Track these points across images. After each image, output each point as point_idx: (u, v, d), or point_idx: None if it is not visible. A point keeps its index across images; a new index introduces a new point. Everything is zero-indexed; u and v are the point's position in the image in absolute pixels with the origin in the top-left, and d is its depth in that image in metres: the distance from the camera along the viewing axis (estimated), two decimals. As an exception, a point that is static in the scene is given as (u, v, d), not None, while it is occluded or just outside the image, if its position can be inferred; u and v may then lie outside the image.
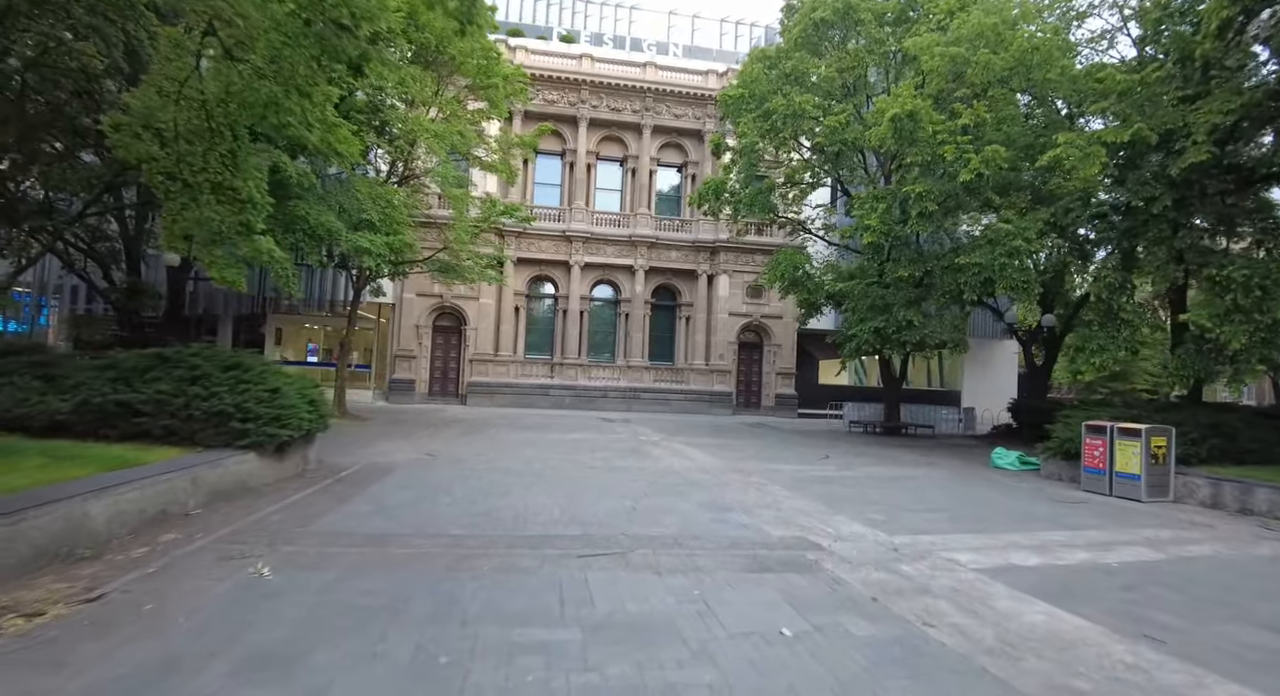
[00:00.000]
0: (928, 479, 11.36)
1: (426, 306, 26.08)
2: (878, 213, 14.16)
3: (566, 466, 10.38)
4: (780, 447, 15.39)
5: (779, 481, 9.97)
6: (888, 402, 20.98)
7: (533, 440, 14.28)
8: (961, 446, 18.32)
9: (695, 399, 27.40)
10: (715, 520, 6.96)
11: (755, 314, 28.06)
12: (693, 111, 28.46)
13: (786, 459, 13.08)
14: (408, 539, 5.70)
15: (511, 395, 26.13)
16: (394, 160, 16.89)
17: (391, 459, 10.61)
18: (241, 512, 6.41)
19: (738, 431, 19.56)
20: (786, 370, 28.45)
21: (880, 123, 13.92)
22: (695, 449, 13.96)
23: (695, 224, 28.22)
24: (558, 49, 28.13)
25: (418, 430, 15.50)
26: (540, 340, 28.16)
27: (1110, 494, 10.36)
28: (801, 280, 19.23)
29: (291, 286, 11.71)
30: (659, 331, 28.70)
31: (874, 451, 15.51)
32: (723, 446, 14.80)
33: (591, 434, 16.41)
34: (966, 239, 17.92)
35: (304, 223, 11.85)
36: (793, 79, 16.96)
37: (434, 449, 12.13)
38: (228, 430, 7.67)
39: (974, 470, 12.99)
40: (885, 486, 10.14)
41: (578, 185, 27.68)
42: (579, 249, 27.34)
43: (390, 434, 14.36)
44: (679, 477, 9.83)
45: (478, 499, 7.57)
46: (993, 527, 7.43)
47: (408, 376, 25.75)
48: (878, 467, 12.51)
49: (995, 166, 12.36)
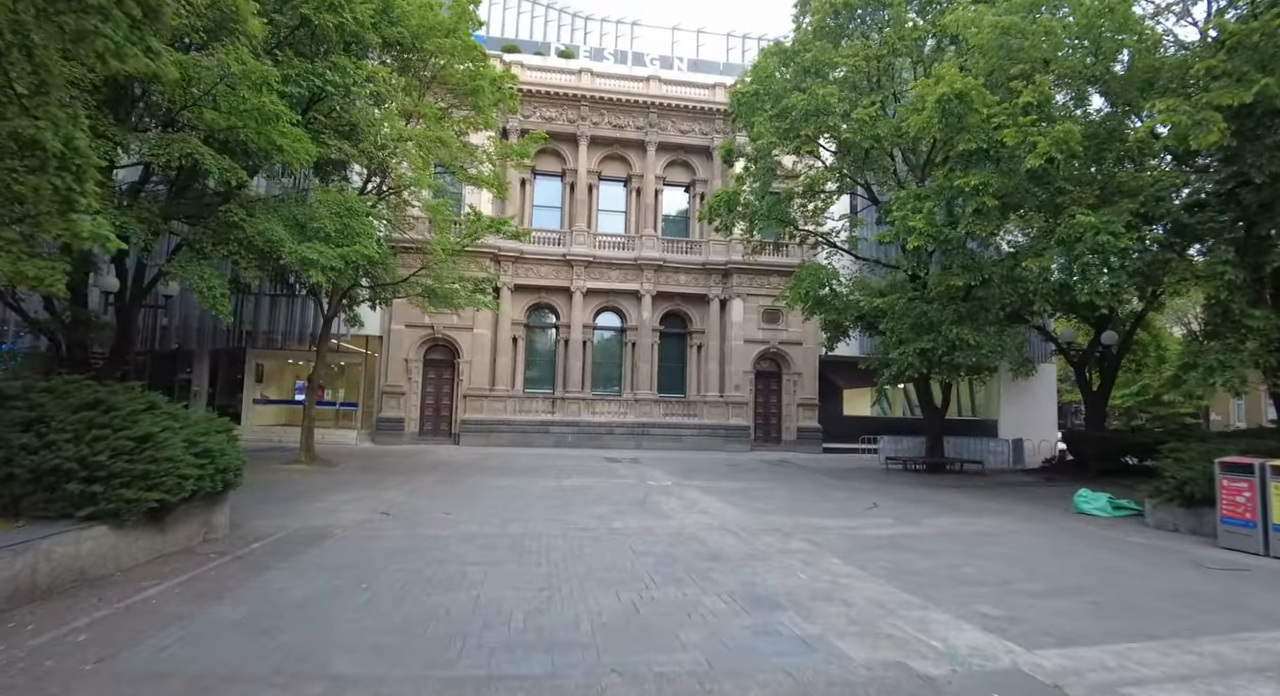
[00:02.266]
0: (1016, 536, 8.91)
1: (416, 338, 24.03)
2: (922, 213, 12.00)
3: (552, 530, 8.04)
4: (814, 492, 12.97)
5: (830, 546, 7.60)
6: (929, 436, 18.49)
7: (520, 489, 11.97)
8: (1021, 485, 15.78)
9: (709, 434, 24.97)
10: (759, 630, 4.60)
11: (773, 340, 25.78)
12: (700, 127, 26.73)
13: (827, 509, 10.67)
14: (252, 692, 3.41)
15: (509, 433, 23.83)
16: (369, 172, 15.01)
17: (332, 521, 8.35)
18: (41, 627, 4.17)
19: (759, 471, 17.14)
20: (808, 401, 26.02)
21: (922, 108, 11.88)
22: (714, 497, 11.58)
23: (705, 245, 26.22)
24: (555, 64, 26.66)
25: (389, 478, 13.24)
26: (540, 373, 25.98)
27: (1266, 553, 7.88)
28: (828, 300, 17.01)
29: (220, 309, 9.63)
30: (668, 361, 26.44)
31: (928, 495, 13.04)
32: (746, 492, 12.41)
33: (592, 478, 14.07)
34: (1010, 246, 15.73)
35: (238, 232, 9.83)
36: (812, 72, 15.03)
37: (395, 504, 9.86)
38: (64, 495, 5.46)
39: (1058, 518, 10.50)
40: (972, 551, 7.73)
41: (579, 207, 25.83)
42: (581, 274, 25.34)
43: (352, 484, 12.10)
44: (698, 545, 7.48)
45: (410, 593, 5.26)
46: (1166, 625, 5.03)
47: (395, 415, 23.56)
48: (945, 518, 10.06)
49: (1069, 150, 10.21)
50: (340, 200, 11.43)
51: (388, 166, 14.64)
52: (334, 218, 11.13)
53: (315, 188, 12.16)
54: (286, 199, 12.08)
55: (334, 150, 12.41)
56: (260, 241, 9.91)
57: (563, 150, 26.35)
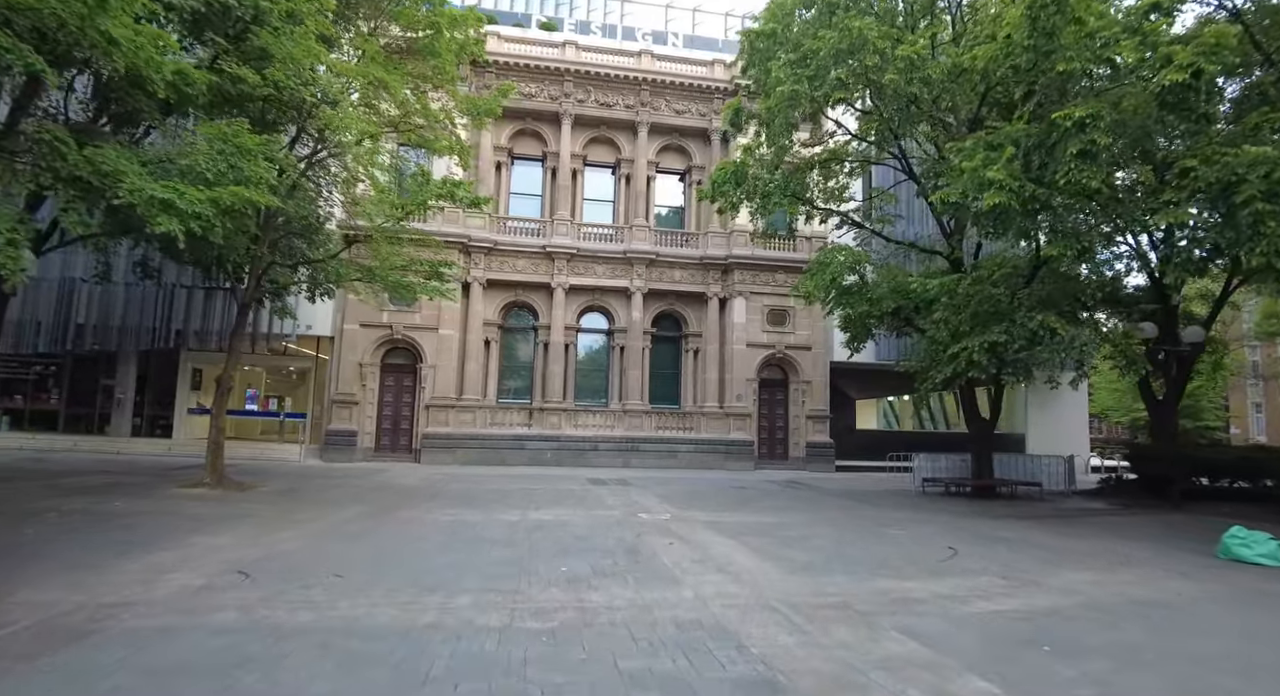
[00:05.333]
0: (1198, 608, 5.93)
1: (372, 339, 20.87)
2: (999, 164, 9.16)
3: (488, 618, 4.93)
4: (859, 530, 9.96)
5: (950, 643, 4.57)
6: (977, 453, 15.54)
7: (471, 529, 8.87)
8: (1097, 514, 12.86)
9: (707, 450, 21.93)
10: None
11: (779, 344, 22.86)
12: (697, 107, 23.95)
13: (893, 560, 7.66)
14: None
15: (478, 449, 20.67)
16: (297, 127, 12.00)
17: (148, 590, 5.24)
18: None
19: (773, 496, 14.13)
20: (818, 412, 23.06)
21: (994, 36, 9.09)
22: (731, 540, 8.53)
23: (703, 237, 23.35)
24: (536, 37, 23.82)
25: (302, 510, 10.09)
26: (515, 381, 22.86)
27: None
28: (855, 290, 14.14)
29: (8, 266, 6.51)
30: (661, 368, 23.40)
31: (1000, 531, 10.06)
32: (771, 531, 9.38)
33: (570, 509, 10.98)
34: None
35: (54, 158, 6.78)
36: (842, 6, 12.24)
37: (278, 554, 6.74)
38: None
39: (1217, 571, 7.52)
40: (1164, 642, 4.74)
41: (561, 194, 22.89)
42: (563, 268, 22.35)
43: (246, 519, 8.95)
44: (733, 650, 4.40)
45: None
46: None
47: (347, 427, 20.32)
48: (1067, 574, 7.04)
49: (1221, 61, 7.41)
50: (228, 133, 8.38)
51: (321, 121, 11.57)
52: (217, 156, 8.10)
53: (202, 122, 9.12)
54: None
55: (229, 81, 9.43)
56: (87, 172, 6.84)
57: (543, 131, 23.48)
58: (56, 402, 21.65)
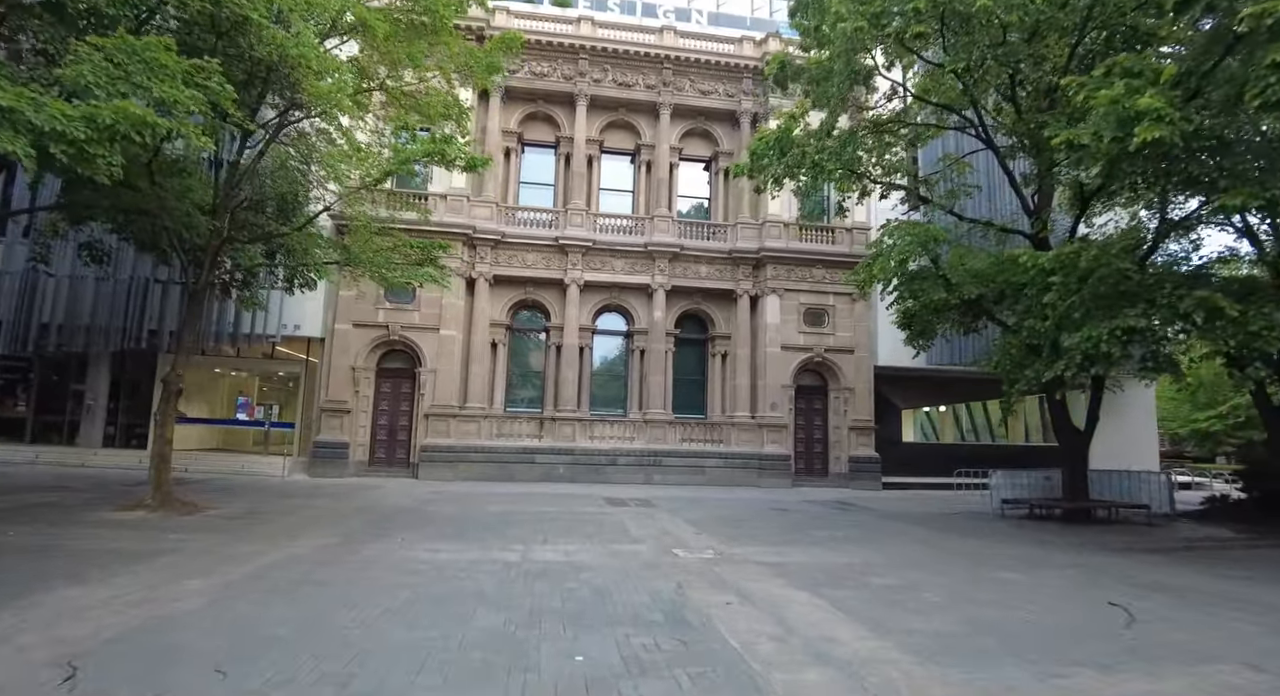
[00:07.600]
0: None
1: (367, 341, 18.79)
2: (1153, 90, 6.87)
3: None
4: (965, 573, 7.57)
5: None
6: (1070, 471, 13.03)
7: (448, 576, 6.61)
8: (1233, 546, 10.35)
9: (739, 465, 19.55)
10: None
11: (817, 347, 20.49)
12: (724, 87, 21.81)
13: (1053, 628, 5.29)
14: None
15: (482, 463, 18.47)
16: (251, 72, 9.93)
17: None
18: None
19: (828, 522, 11.76)
20: (862, 423, 20.60)
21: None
22: (808, 593, 6.20)
23: (732, 229, 21.11)
24: (549, 12, 21.91)
25: (244, 541, 7.90)
26: (525, 387, 20.65)
27: None
28: (928, 275, 11.83)
29: None
30: (686, 373, 21.06)
31: (1145, 574, 7.62)
32: (856, 578, 7.03)
33: (584, 544, 8.70)
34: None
35: None
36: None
37: (152, 622, 4.54)
38: None
39: None
40: None
41: (576, 182, 20.80)
42: (577, 263, 20.19)
43: (160, 555, 6.76)
44: None
45: None
46: None
47: (338, 438, 18.20)
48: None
49: None
50: (137, 45, 6.27)
51: (290, 69, 9.47)
52: (114, 68, 6.01)
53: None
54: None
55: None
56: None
57: (556, 114, 21.44)
58: (24, 410, 19.75)
